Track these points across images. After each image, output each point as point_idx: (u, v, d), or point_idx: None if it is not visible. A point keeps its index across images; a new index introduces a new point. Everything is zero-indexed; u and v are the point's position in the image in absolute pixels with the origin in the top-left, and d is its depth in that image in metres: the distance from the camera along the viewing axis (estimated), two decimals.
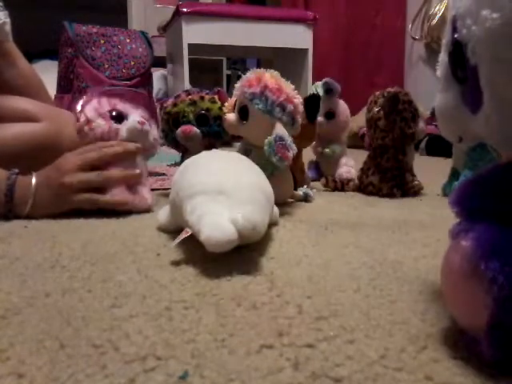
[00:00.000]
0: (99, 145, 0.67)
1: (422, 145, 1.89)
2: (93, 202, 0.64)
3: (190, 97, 0.83)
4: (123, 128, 0.69)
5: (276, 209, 0.62)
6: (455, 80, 0.32)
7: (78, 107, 0.70)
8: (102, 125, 0.68)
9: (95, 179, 0.65)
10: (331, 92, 0.99)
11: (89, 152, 0.66)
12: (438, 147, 1.79)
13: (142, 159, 0.72)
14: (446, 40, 0.33)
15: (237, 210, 0.43)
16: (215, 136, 0.84)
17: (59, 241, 0.54)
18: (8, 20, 0.92)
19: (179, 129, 0.81)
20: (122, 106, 0.70)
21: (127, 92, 1.64)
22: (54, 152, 0.81)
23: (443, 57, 0.33)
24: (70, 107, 1.76)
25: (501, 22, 0.27)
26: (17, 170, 0.64)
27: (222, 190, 0.46)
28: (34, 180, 0.64)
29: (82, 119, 0.68)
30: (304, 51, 2.20)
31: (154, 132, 0.73)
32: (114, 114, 0.69)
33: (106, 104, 0.69)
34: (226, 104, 0.77)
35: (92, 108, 0.69)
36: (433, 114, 2.05)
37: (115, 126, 0.69)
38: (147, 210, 0.70)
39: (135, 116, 0.70)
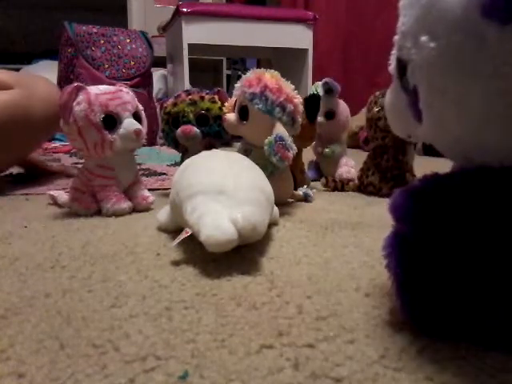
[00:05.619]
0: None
1: (419, 145, 1.88)
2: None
3: (190, 97, 0.83)
4: (118, 138, 0.65)
5: (276, 209, 0.62)
6: (401, 88, 0.32)
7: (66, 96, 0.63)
8: (94, 136, 0.64)
9: None
10: (331, 92, 0.99)
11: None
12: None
13: (134, 159, 0.72)
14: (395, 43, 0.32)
15: (237, 210, 0.43)
16: (215, 136, 0.84)
17: (59, 241, 0.54)
18: None
19: (179, 129, 0.81)
20: (113, 105, 0.64)
21: None
22: (27, 117, 0.83)
23: (393, 54, 0.32)
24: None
25: (436, 52, 0.26)
26: None
27: (222, 190, 0.46)
28: None
29: (73, 126, 0.63)
30: (304, 51, 2.20)
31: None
32: (105, 118, 0.64)
33: (97, 107, 0.63)
34: (226, 104, 0.77)
35: (83, 115, 0.63)
36: None
37: (109, 137, 0.64)
38: (147, 209, 0.71)
39: (131, 121, 0.66)
